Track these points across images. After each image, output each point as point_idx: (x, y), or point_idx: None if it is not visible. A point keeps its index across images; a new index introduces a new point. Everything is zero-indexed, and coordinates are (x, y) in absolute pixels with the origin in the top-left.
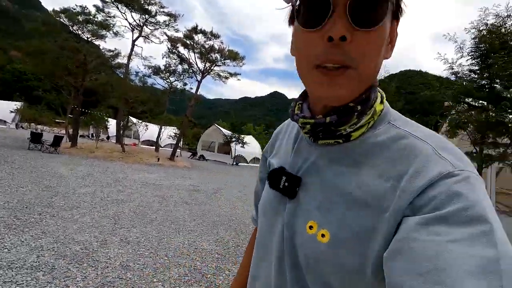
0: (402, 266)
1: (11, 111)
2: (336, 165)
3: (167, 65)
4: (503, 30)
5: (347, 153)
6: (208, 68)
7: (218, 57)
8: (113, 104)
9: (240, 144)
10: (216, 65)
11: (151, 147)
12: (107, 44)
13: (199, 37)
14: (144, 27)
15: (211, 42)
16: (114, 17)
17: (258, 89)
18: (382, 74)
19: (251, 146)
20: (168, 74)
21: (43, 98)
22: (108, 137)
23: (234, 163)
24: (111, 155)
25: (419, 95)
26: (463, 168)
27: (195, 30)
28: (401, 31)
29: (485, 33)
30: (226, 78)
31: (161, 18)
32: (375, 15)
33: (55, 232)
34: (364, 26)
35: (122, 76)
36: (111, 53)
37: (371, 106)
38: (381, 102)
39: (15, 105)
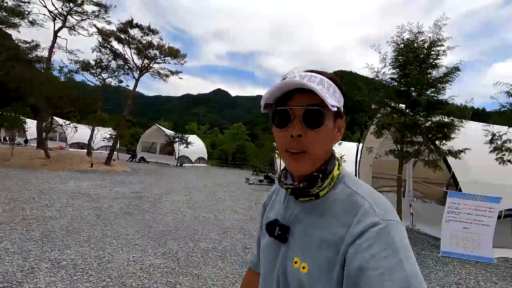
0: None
1: None
2: (311, 216)
3: (99, 60)
4: (415, 44)
5: (317, 207)
6: (146, 65)
7: (157, 54)
8: (33, 102)
9: (184, 144)
10: (155, 62)
11: (82, 150)
12: (23, 34)
13: (135, 32)
14: (69, 16)
15: (149, 38)
16: (29, 2)
17: (201, 86)
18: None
19: (195, 146)
20: (100, 70)
21: None
22: (26, 141)
23: (178, 164)
24: (31, 162)
25: (353, 96)
26: (386, 218)
27: (130, 24)
28: (332, 34)
29: (402, 47)
30: (167, 76)
31: (89, 7)
32: (318, 121)
33: None
34: (312, 128)
35: (42, 71)
36: (28, 45)
37: (330, 173)
38: (338, 168)
39: None
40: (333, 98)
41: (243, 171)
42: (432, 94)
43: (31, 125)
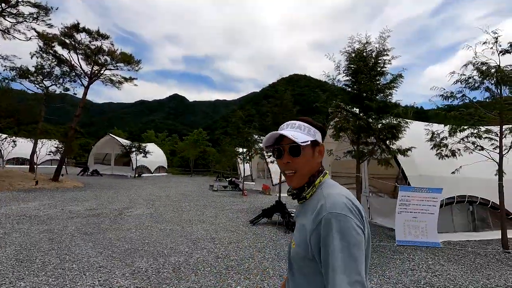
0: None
1: None
2: (302, 213)
3: (39, 66)
4: (364, 54)
5: (305, 206)
6: (96, 71)
7: (109, 59)
8: None
9: (142, 154)
10: (106, 69)
11: (23, 166)
12: None
13: (83, 36)
14: (1, 19)
15: (98, 43)
16: None
17: (156, 91)
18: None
19: (154, 155)
20: (41, 77)
21: None
22: None
23: (137, 175)
24: None
25: (308, 98)
26: (331, 211)
27: (76, 27)
28: (285, 39)
29: (353, 56)
30: (120, 83)
31: (25, 9)
32: (298, 152)
33: None
34: (295, 156)
35: None
36: None
37: (313, 183)
38: (321, 178)
39: None
40: (308, 135)
41: (205, 178)
42: (381, 99)
43: None
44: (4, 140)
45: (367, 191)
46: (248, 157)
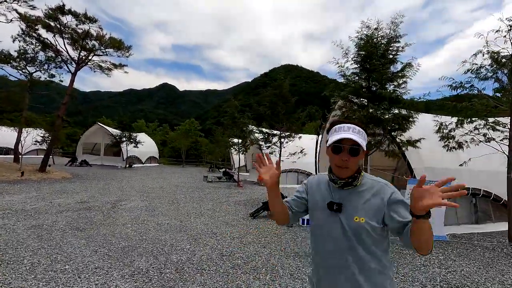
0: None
1: None
2: (354, 195)
3: (22, 51)
4: (375, 40)
5: (356, 190)
6: (84, 57)
7: (97, 45)
8: None
9: (133, 144)
10: (95, 55)
11: (6, 156)
12: None
13: (69, 19)
14: None
15: (85, 27)
16: None
17: (145, 80)
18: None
19: (145, 145)
20: (24, 62)
21: None
22: None
23: (127, 165)
24: None
25: (298, 88)
26: (389, 185)
27: (61, 9)
28: (276, 28)
29: (363, 43)
30: (109, 69)
31: None
32: (357, 153)
33: None
34: (353, 156)
35: None
36: None
37: (359, 174)
38: (361, 171)
39: None
40: (364, 140)
41: (198, 168)
42: (394, 89)
43: None
44: None
45: None
46: (243, 148)
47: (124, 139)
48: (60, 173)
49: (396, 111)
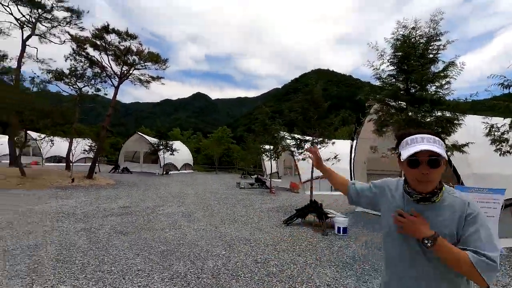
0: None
1: None
2: (430, 211)
3: (73, 68)
4: (412, 40)
5: (434, 206)
6: (125, 71)
7: (137, 59)
8: (3, 119)
9: (170, 152)
10: (135, 69)
11: (60, 164)
12: None
13: (112, 37)
14: (38, 24)
15: (127, 43)
16: None
17: (180, 90)
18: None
19: (180, 152)
20: (75, 79)
21: None
22: None
23: (164, 172)
24: (5, 182)
25: (330, 93)
26: (475, 209)
27: (106, 29)
28: (306, 34)
29: (399, 43)
30: (148, 82)
31: (60, 14)
32: (439, 164)
33: None
34: (434, 168)
35: (12, 84)
36: None
37: (440, 189)
38: (442, 186)
39: None
40: (443, 149)
41: (230, 175)
42: (436, 90)
43: (1, 141)
44: (43, 139)
45: None
46: (275, 154)
47: (161, 147)
48: (105, 179)
49: (439, 113)
